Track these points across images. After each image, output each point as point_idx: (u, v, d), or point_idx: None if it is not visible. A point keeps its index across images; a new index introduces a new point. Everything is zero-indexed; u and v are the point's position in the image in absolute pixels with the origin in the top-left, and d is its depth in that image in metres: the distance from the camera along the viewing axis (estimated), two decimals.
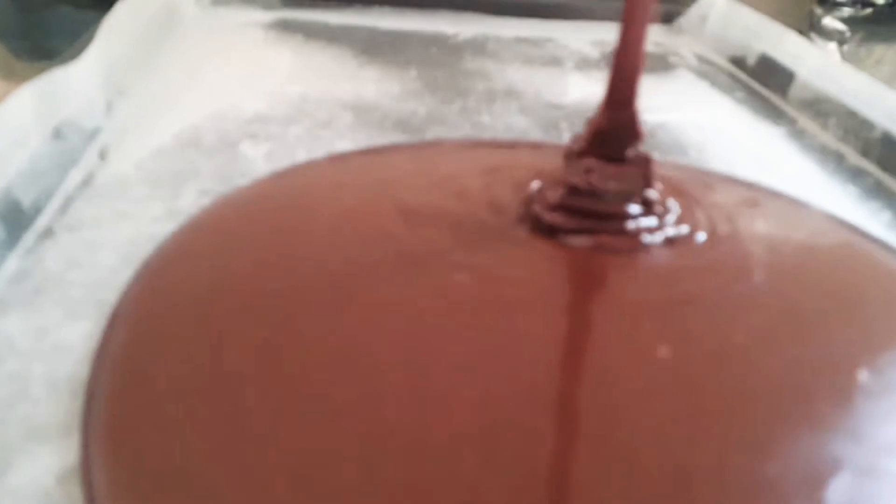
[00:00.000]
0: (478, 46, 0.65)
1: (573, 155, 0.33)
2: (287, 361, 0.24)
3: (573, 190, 0.32)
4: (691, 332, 0.27)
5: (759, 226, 0.36)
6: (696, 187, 0.39)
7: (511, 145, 0.45)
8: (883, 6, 0.78)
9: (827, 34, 0.74)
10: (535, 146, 0.45)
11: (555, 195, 0.32)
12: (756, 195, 0.40)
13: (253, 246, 0.31)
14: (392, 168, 0.40)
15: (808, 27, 0.76)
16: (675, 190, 0.37)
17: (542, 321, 0.27)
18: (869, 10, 0.76)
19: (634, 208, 0.32)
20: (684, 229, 0.33)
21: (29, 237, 0.32)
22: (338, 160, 0.40)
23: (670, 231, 0.32)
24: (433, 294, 0.28)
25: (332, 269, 0.29)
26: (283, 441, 0.21)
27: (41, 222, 0.33)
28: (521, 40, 0.68)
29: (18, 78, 0.46)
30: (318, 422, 0.22)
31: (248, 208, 0.34)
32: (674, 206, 0.34)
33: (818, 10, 0.76)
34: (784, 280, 0.31)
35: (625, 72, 0.31)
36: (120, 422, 0.22)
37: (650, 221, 0.32)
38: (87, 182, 0.36)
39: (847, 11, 0.75)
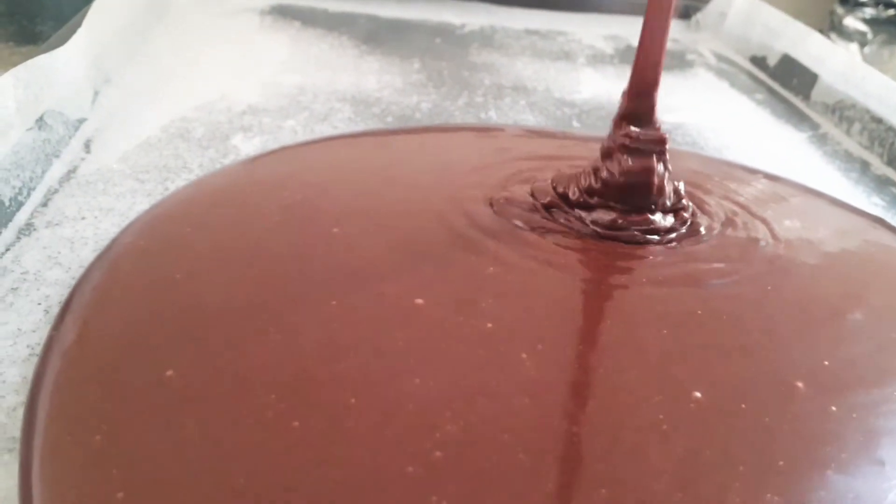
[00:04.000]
0: (485, 38, 0.63)
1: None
2: (230, 390, 0.22)
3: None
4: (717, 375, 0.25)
5: (814, 241, 0.34)
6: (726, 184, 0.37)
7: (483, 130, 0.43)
8: None
9: (848, 35, 0.72)
10: (498, 130, 0.44)
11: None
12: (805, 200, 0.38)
13: (193, 256, 0.29)
14: (348, 165, 0.38)
15: (829, 27, 0.74)
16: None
17: (532, 351, 0.24)
18: (892, 12, 0.73)
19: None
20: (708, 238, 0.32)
21: (8, 233, 0.30)
22: (305, 150, 0.38)
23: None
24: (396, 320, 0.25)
25: (280, 284, 0.27)
26: (223, 475, 0.19)
27: (21, 217, 0.31)
28: (530, 32, 0.65)
29: (3, 63, 0.43)
30: (262, 455, 0.20)
31: (192, 209, 0.32)
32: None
33: (839, 10, 0.74)
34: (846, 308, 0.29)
35: (649, 57, 0.30)
36: (54, 449, 0.20)
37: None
38: (70, 175, 0.34)
39: (869, 12, 0.73)
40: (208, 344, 0.24)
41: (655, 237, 0.31)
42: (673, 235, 0.31)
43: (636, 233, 0.31)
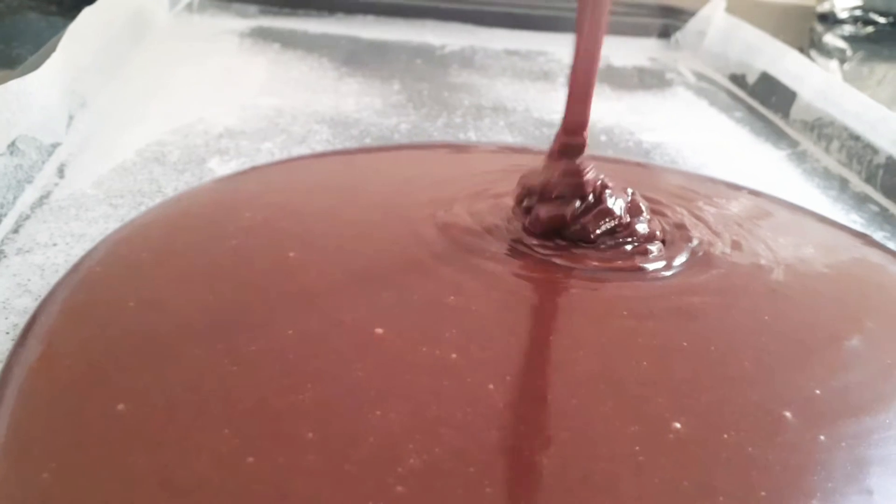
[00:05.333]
0: (465, 59, 0.63)
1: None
2: (183, 425, 0.21)
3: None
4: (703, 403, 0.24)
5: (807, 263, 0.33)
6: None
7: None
8: (885, 25, 0.76)
9: (828, 52, 0.72)
10: (468, 148, 0.44)
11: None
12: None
13: (149, 282, 0.28)
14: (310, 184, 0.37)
15: (809, 44, 0.74)
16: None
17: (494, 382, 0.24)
18: (871, 29, 0.74)
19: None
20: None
21: None
22: (266, 170, 0.38)
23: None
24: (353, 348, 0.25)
25: (235, 312, 0.26)
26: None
27: None
28: (510, 53, 0.65)
29: None
30: (216, 493, 0.19)
31: (152, 233, 0.32)
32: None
33: (819, 28, 0.74)
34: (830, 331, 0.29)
35: (579, 92, 0.31)
36: (2, 487, 0.19)
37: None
38: (42, 200, 0.34)
39: (848, 30, 0.73)
40: (161, 376, 0.23)
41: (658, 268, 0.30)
42: (679, 263, 0.31)
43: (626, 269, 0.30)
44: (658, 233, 0.33)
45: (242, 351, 0.24)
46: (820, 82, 0.53)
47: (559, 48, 0.67)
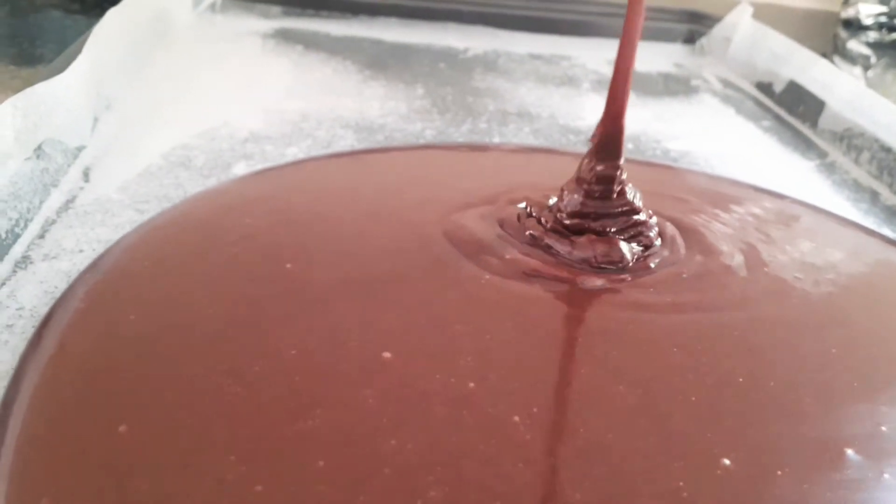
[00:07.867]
0: (489, 63, 0.62)
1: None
2: (186, 449, 0.21)
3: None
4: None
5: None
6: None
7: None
8: None
9: (851, 59, 0.72)
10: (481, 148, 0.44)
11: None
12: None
13: (149, 296, 0.27)
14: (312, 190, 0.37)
15: (833, 50, 0.74)
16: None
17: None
18: (895, 36, 0.73)
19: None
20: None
21: (4, 266, 0.29)
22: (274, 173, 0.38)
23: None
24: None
25: (235, 329, 0.25)
26: None
27: (17, 249, 0.30)
28: (534, 57, 0.65)
29: (3, 87, 0.43)
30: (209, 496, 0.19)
31: (157, 237, 0.31)
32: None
33: (843, 34, 0.73)
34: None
35: (619, 86, 0.31)
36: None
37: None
38: (68, 205, 0.34)
39: (872, 36, 0.73)
40: (163, 396, 0.22)
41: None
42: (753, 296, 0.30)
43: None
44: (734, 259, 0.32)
45: (245, 371, 0.23)
46: (849, 92, 0.52)
47: (582, 52, 0.67)
